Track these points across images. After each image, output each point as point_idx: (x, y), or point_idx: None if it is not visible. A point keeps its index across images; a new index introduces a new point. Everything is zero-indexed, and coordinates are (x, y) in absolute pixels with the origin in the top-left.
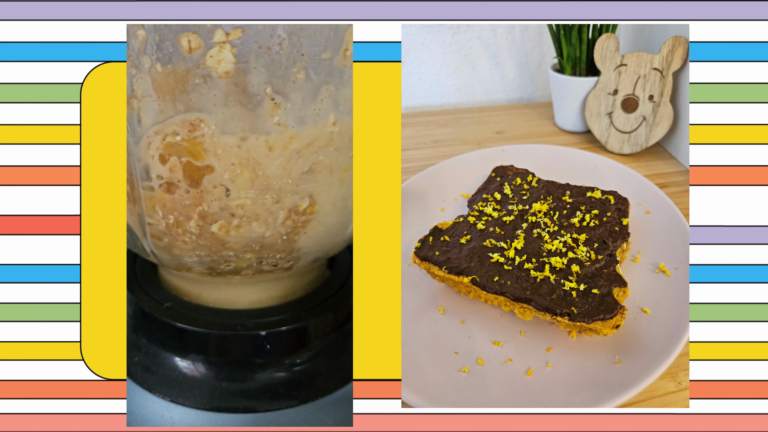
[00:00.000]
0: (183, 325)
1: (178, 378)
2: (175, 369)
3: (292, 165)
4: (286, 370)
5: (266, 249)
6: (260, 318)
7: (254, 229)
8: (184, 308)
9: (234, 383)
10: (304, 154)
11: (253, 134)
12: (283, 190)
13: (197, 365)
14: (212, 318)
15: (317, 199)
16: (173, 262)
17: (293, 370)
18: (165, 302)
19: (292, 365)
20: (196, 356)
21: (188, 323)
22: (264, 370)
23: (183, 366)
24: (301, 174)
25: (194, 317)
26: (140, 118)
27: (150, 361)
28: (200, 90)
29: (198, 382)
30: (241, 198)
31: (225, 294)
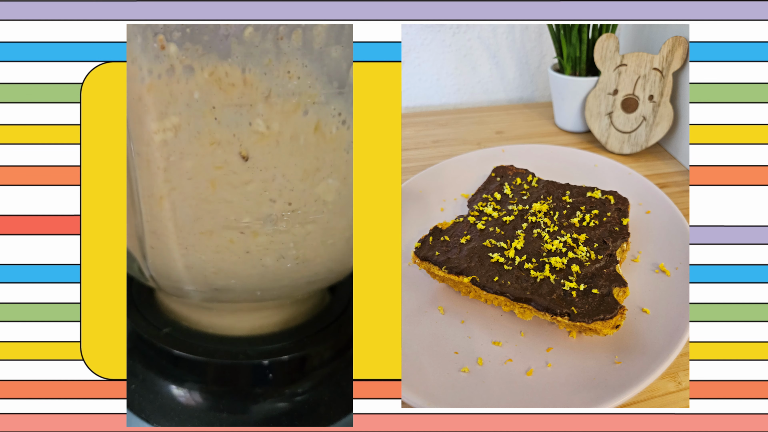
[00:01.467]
0: (182, 353)
1: (177, 408)
2: (173, 398)
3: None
4: (288, 400)
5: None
6: (261, 345)
7: (264, 262)
8: (183, 334)
9: (234, 414)
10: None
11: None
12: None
13: (195, 394)
14: (212, 345)
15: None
16: (172, 287)
17: (295, 400)
18: (163, 328)
19: (294, 395)
20: (195, 385)
21: (188, 351)
22: (265, 400)
23: (181, 395)
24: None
25: (194, 344)
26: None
27: (147, 389)
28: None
29: (197, 412)
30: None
31: (225, 320)
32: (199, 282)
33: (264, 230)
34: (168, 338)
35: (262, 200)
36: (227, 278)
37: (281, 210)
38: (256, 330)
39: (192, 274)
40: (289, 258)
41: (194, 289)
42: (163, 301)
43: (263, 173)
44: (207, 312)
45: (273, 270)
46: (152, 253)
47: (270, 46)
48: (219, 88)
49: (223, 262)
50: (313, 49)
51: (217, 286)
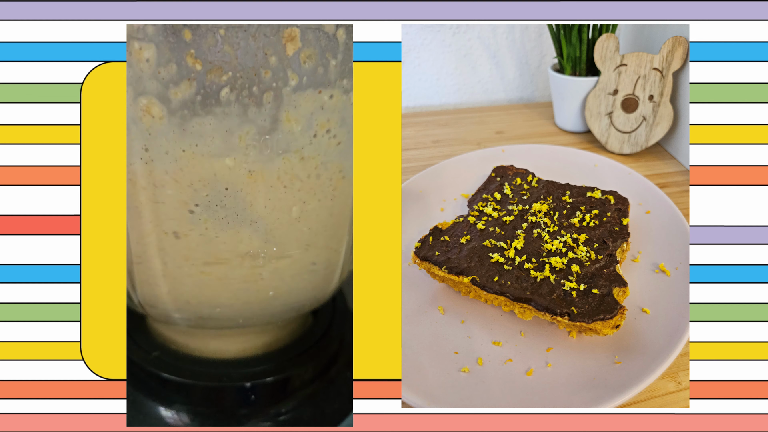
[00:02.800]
0: (171, 376)
1: (166, 427)
2: (160, 419)
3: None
4: (271, 420)
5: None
6: (245, 368)
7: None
8: (171, 358)
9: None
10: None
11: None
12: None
13: (183, 415)
14: (198, 368)
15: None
16: (160, 315)
17: (278, 420)
18: (152, 351)
19: (277, 414)
20: (183, 406)
21: (175, 374)
22: (249, 420)
23: (169, 416)
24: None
25: (181, 368)
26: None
27: (137, 410)
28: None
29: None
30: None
31: (211, 344)
32: (184, 310)
33: (244, 264)
34: (157, 361)
35: (241, 239)
36: (211, 307)
37: (259, 248)
38: (240, 353)
39: (177, 304)
40: (271, 288)
41: (180, 317)
42: (152, 325)
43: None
44: (193, 336)
45: (255, 300)
46: (140, 283)
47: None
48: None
49: (206, 293)
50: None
51: (201, 314)
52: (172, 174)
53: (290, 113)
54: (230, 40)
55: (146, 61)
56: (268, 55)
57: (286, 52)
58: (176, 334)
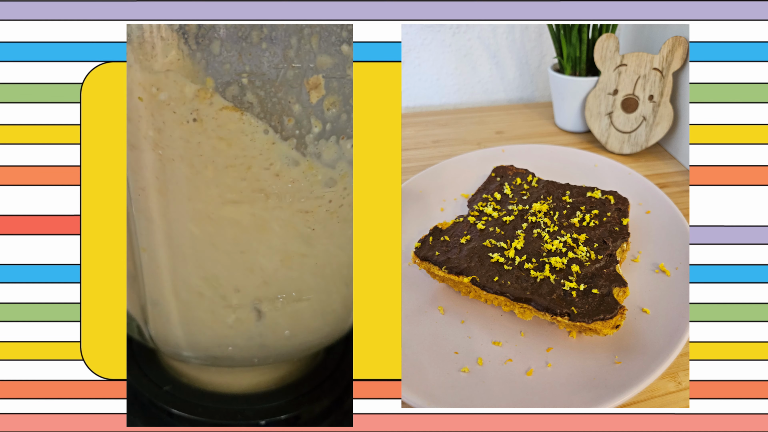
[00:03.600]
0: (182, 413)
1: None
2: None
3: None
4: None
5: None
6: (259, 404)
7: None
8: (182, 392)
9: None
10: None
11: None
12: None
13: None
14: (210, 404)
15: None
16: (171, 352)
17: None
18: (163, 385)
19: None
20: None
21: (187, 411)
22: None
23: None
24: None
25: (193, 404)
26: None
27: None
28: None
29: None
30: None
31: (224, 378)
32: (196, 349)
33: (260, 308)
34: (168, 396)
35: (256, 285)
36: (224, 347)
37: (276, 293)
38: (253, 387)
39: (190, 343)
40: (286, 327)
41: (192, 356)
42: (163, 357)
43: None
44: (206, 370)
45: (270, 340)
46: (153, 320)
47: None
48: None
49: (220, 334)
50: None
51: (214, 354)
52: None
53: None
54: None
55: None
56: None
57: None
58: (187, 368)
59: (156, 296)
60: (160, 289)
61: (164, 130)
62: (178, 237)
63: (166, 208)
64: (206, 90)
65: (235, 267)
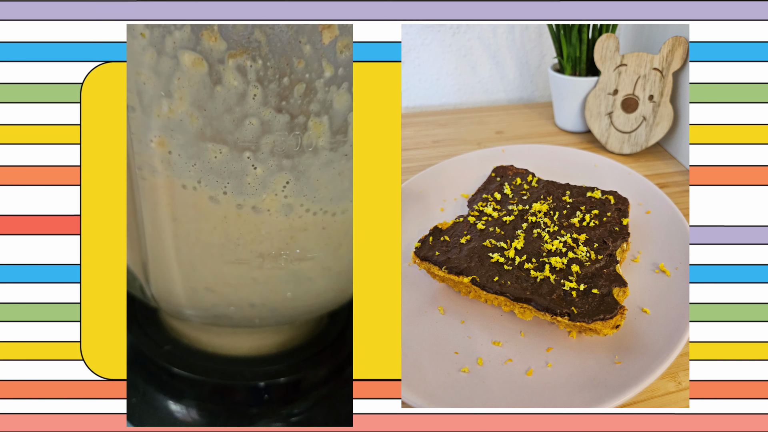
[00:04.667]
0: (181, 371)
1: (175, 423)
2: (170, 414)
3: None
4: (283, 421)
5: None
6: (258, 367)
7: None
8: (182, 352)
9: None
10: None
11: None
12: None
13: (193, 411)
14: (210, 364)
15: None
16: (173, 310)
17: (290, 420)
18: (164, 345)
19: (290, 415)
20: (193, 402)
21: (186, 369)
22: (260, 419)
23: (179, 411)
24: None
25: (193, 363)
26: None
27: (147, 403)
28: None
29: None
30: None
31: (224, 339)
32: (198, 308)
33: (264, 265)
34: (168, 355)
35: (261, 241)
36: (226, 306)
37: (279, 249)
38: (254, 351)
39: (192, 301)
40: (289, 289)
41: (194, 314)
42: (164, 318)
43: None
44: (206, 331)
45: (272, 300)
46: (154, 278)
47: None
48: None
49: (222, 291)
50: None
51: (216, 312)
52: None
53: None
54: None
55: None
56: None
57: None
58: (189, 329)
59: (156, 252)
60: (161, 245)
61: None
62: (179, 191)
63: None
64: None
65: (238, 221)
